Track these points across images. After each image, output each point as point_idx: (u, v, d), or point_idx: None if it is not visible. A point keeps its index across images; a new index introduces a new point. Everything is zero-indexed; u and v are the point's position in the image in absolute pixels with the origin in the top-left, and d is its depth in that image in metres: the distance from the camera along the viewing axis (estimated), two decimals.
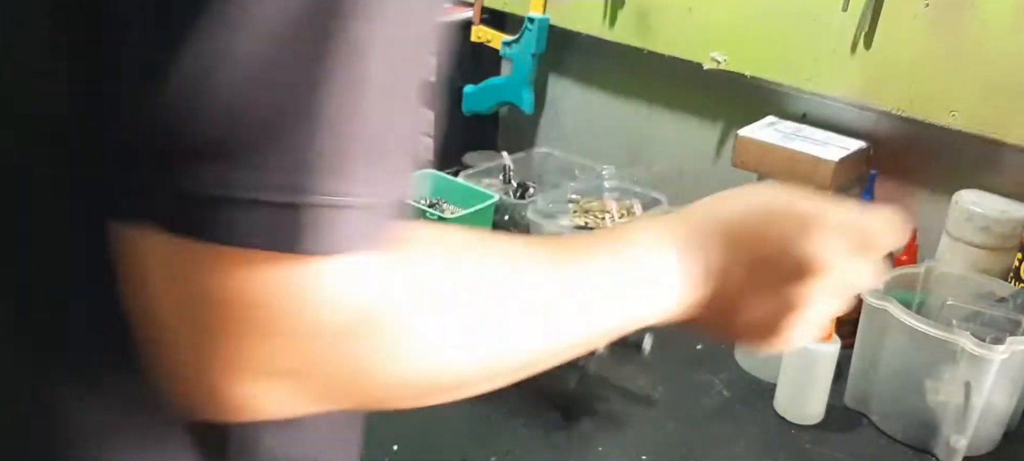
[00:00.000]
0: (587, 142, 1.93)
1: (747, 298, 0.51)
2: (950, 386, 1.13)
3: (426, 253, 0.42)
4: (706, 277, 0.52)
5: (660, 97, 1.79)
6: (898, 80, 1.39)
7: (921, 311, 1.26)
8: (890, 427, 1.22)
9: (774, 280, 0.50)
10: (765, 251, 0.50)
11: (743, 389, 1.30)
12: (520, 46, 1.85)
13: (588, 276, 0.49)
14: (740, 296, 0.51)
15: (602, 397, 1.28)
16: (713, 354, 1.38)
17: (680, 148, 1.79)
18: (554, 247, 0.50)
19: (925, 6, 1.34)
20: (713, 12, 1.57)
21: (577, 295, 0.48)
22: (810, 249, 0.50)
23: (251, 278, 0.33)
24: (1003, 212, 1.31)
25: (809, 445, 1.19)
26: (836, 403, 1.25)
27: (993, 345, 1.08)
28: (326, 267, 0.35)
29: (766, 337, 0.52)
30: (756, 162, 1.48)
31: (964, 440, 1.13)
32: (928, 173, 1.47)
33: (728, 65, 1.56)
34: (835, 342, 1.20)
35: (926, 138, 1.43)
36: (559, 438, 1.18)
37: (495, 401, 1.26)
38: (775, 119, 1.56)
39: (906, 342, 1.15)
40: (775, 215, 0.51)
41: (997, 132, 1.31)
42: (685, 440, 1.19)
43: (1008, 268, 1.30)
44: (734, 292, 0.51)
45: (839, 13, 1.42)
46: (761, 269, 0.50)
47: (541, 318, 0.48)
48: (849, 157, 1.42)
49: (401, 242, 0.38)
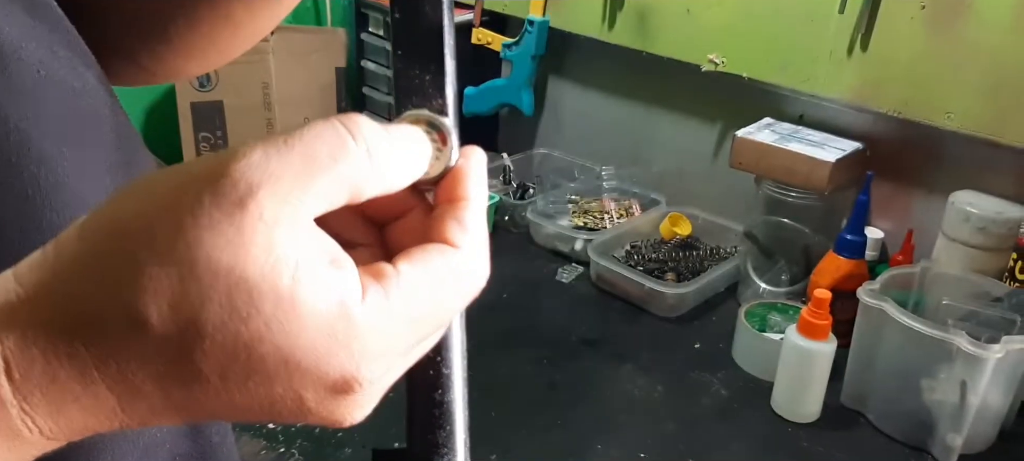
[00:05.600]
0: (586, 143, 1.94)
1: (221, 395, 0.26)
2: (946, 385, 1.14)
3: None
4: None
5: (659, 98, 1.80)
6: (895, 82, 1.40)
7: (917, 311, 1.27)
8: (887, 426, 1.23)
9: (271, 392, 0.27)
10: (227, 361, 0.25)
11: (741, 388, 1.31)
12: (520, 48, 1.86)
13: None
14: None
15: (602, 396, 1.29)
16: (711, 354, 1.39)
17: (678, 149, 1.80)
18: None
19: (921, 8, 1.35)
20: (711, 14, 1.58)
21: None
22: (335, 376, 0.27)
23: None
24: (999, 213, 1.32)
25: (806, 444, 1.20)
26: (833, 402, 1.26)
27: (988, 344, 1.09)
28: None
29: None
30: (753, 163, 1.49)
31: (960, 439, 1.14)
32: (924, 174, 1.48)
33: (726, 67, 1.57)
34: (832, 341, 1.21)
35: (922, 139, 1.44)
36: (559, 438, 1.19)
37: (495, 401, 1.27)
38: (772, 120, 1.57)
39: (902, 341, 1.16)
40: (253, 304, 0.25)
41: (993, 133, 1.32)
42: (683, 439, 1.20)
43: (1003, 268, 1.31)
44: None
45: (836, 15, 1.44)
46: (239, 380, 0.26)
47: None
48: (846, 158, 1.43)
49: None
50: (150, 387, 0.25)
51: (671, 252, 1.64)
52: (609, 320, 1.48)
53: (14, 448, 0.25)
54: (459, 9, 1.97)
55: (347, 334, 0.26)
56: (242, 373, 0.25)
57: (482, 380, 1.30)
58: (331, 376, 0.26)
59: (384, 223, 0.31)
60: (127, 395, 0.25)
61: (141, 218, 0.24)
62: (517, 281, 1.58)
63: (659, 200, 1.79)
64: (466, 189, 0.30)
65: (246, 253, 0.24)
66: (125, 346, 0.24)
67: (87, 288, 0.24)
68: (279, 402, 0.26)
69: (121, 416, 0.26)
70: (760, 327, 1.35)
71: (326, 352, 0.26)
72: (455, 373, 0.33)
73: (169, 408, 0.26)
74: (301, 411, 0.27)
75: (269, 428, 1.18)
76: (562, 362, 1.35)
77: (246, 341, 0.25)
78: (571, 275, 1.61)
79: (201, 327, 0.24)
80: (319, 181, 0.26)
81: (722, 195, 1.71)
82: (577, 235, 1.64)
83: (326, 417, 0.28)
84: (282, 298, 0.25)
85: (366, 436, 1.16)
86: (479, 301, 1.24)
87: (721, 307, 1.53)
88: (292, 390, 0.26)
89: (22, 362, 0.24)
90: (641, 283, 1.47)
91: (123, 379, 0.25)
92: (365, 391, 0.27)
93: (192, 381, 0.25)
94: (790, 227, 1.50)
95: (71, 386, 0.24)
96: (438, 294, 0.29)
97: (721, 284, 1.56)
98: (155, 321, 0.24)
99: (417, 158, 0.29)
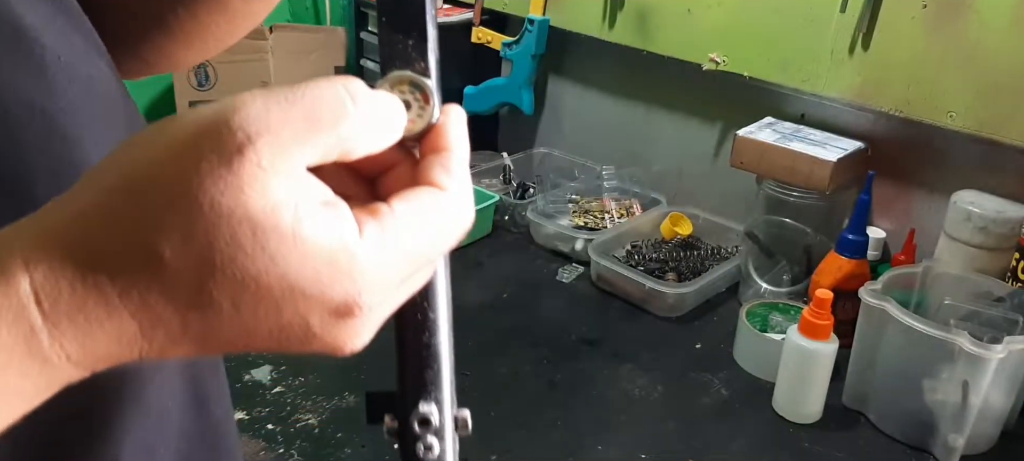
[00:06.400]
0: (586, 142, 1.94)
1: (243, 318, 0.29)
2: (948, 385, 1.14)
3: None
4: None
5: (659, 98, 1.80)
6: (896, 81, 1.39)
7: (919, 311, 1.27)
8: (888, 426, 1.22)
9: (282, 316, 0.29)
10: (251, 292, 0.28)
11: (742, 388, 1.31)
12: (520, 47, 1.86)
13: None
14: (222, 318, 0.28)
15: (602, 396, 1.28)
16: (712, 354, 1.39)
17: (679, 148, 1.79)
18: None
19: (923, 7, 1.34)
20: (712, 13, 1.58)
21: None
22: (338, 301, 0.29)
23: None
24: (1000, 212, 1.31)
25: (807, 444, 1.20)
26: (834, 402, 1.25)
27: (990, 344, 1.09)
28: None
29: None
30: (754, 162, 1.49)
31: (962, 439, 1.14)
32: (926, 173, 1.48)
33: (727, 66, 1.57)
34: (833, 341, 1.21)
35: (924, 139, 1.44)
36: (559, 438, 1.19)
37: (495, 401, 1.27)
38: (773, 120, 1.57)
39: (904, 341, 1.16)
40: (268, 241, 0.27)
41: (995, 133, 1.31)
42: (684, 439, 1.20)
43: (1006, 268, 1.31)
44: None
45: (837, 14, 1.43)
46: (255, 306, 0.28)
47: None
48: (847, 157, 1.43)
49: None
50: (169, 314, 0.27)
51: (672, 252, 1.63)
52: (609, 320, 1.48)
53: (44, 373, 0.27)
54: (459, 8, 1.97)
55: (348, 263, 0.28)
56: (252, 301, 0.28)
57: (482, 380, 1.30)
58: (334, 301, 0.29)
59: (374, 177, 0.33)
60: (148, 322, 0.27)
61: (152, 166, 0.27)
62: (517, 281, 1.58)
63: (660, 200, 1.79)
64: (449, 140, 0.33)
65: (245, 197, 0.26)
66: (144, 279, 0.27)
67: (106, 229, 0.27)
68: (287, 328, 0.29)
69: (142, 343, 0.28)
70: (761, 327, 1.35)
71: (329, 280, 0.28)
72: (441, 317, 0.35)
73: (187, 336, 0.28)
74: (307, 336, 0.29)
75: (269, 428, 1.17)
76: (562, 362, 1.35)
77: (253, 274, 0.27)
78: (571, 275, 1.60)
79: (211, 261, 0.27)
80: (318, 138, 0.28)
81: (723, 195, 1.71)
82: (577, 235, 1.64)
83: (330, 342, 0.30)
84: (285, 236, 0.27)
85: (364, 436, 1.16)
86: (479, 301, 1.25)
87: (722, 307, 1.52)
88: (299, 316, 0.29)
89: (51, 292, 0.26)
90: (641, 283, 1.47)
91: (145, 307, 0.27)
92: (365, 317, 0.30)
93: (207, 308, 0.27)
94: (791, 227, 1.50)
95: (96, 314, 0.27)
96: (428, 230, 0.31)
97: (722, 284, 1.55)
98: (169, 257, 0.26)
99: (400, 121, 0.31)
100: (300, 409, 1.22)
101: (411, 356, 0.35)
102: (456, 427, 0.36)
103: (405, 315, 0.35)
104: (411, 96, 0.32)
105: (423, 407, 0.35)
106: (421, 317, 0.35)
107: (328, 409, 1.22)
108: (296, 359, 1.32)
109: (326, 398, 1.24)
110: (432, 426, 0.35)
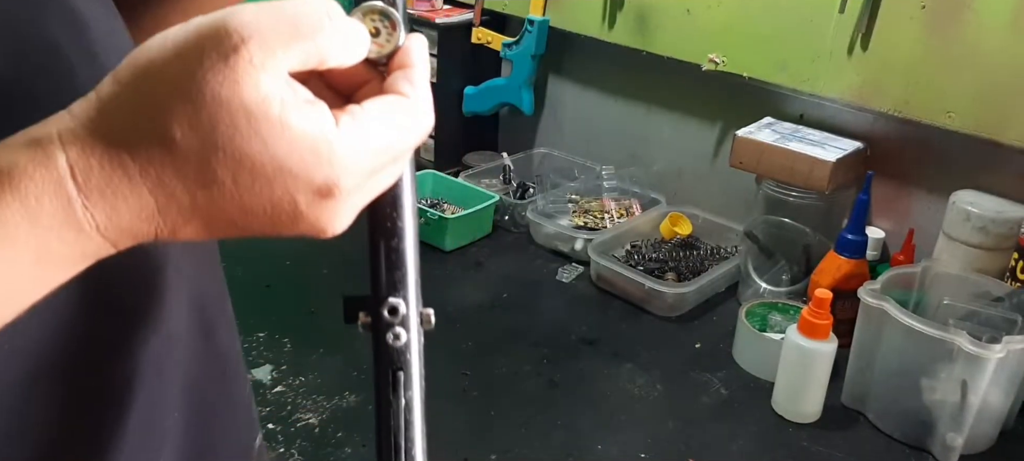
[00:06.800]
0: (586, 143, 1.94)
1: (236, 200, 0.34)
2: (946, 385, 1.14)
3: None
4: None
5: (659, 98, 1.80)
6: (895, 81, 1.40)
7: (918, 310, 1.27)
8: (887, 425, 1.22)
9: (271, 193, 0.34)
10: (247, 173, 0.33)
11: (741, 388, 1.31)
12: (520, 48, 1.86)
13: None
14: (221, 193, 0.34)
15: (602, 395, 1.29)
16: (712, 353, 1.39)
17: (678, 148, 1.80)
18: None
19: (922, 8, 1.34)
20: (711, 14, 1.58)
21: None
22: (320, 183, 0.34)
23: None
24: (1000, 212, 1.31)
25: (806, 443, 1.20)
26: (833, 402, 1.26)
27: (989, 344, 1.09)
28: None
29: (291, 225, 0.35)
30: (754, 162, 1.49)
31: (960, 438, 1.14)
32: (925, 173, 1.48)
33: (726, 66, 1.57)
34: (833, 341, 1.21)
35: (923, 139, 1.44)
36: (559, 438, 1.19)
37: (495, 401, 1.27)
38: (773, 120, 1.57)
39: (903, 341, 1.16)
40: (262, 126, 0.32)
41: (994, 133, 1.31)
42: (684, 438, 1.20)
43: (1004, 268, 1.31)
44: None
45: (836, 15, 1.43)
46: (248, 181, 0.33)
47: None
48: (846, 158, 1.43)
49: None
50: (181, 191, 0.32)
51: (671, 252, 1.64)
52: (609, 320, 1.48)
53: (78, 242, 0.32)
54: (459, 8, 1.97)
55: (328, 150, 0.33)
56: (249, 177, 0.33)
57: (482, 380, 1.30)
58: (317, 182, 0.34)
59: (348, 93, 0.38)
60: (163, 198, 0.33)
61: (164, 64, 0.32)
62: (517, 281, 1.58)
63: (659, 200, 1.79)
64: (412, 59, 0.38)
65: (240, 89, 0.32)
66: (159, 157, 0.32)
67: (127, 117, 0.32)
68: (279, 205, 0.34)
69: (158, 220, 0.33)
70: (761, 327, 1.35)
71: (313, 163, 0.33)
72: (407, 226, 0.41)
73: (195, 213, 0.33)
74: (296, 214, 0.34)
75: (269, 428, 1.18)
76: (562, 361, 1.35)
77: (249, 153, 0.32)
78: (571, 275, 1.61)
79: (214, 142, 0.32)
80: (299, 45, 0.33)
81: (722, 195, 1.71)
82: (577, 235, 1.64)
83: (313, 222, 0.35)
84: (274, 123, 0.32)
85: (364, 435, 1.16)
86: (479, 301, 1.26)
87: (721, 307, 1.52)
88: (288, 193, 0.34)
89: (83, 168, 0.32)
90: (641, 283, 1.47)
91: (160, 185, 0.32)
92: (344, 199, 0.35)
93: (211, 184, 0.33)
94: (790, 227, 1.50)
95: (120, 189, 0.32)
96: (394, 126, 0.36)
97: (721, 284, 1.55)
98: (179, 138, 0.32)
99: (366, 41, 0.36)
100: (300, 409, 1.22)
101: (381, 259, 0.41)
102: (421, 322, 0.42)
103: (376, 223, 0.40)
104: (380, 24, 0.37)
105: (392, 300, 0.41)
106: (390, 225, 0.40)
107: (328, 409, 1.22)
108: (297, 359, 1.32)
109: (326, 398, 1.24)
110: (400, 316, 0.41)
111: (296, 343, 1.36)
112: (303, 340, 1.37)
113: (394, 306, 0.41)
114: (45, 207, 0.31)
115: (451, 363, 1.32)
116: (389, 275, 0.41)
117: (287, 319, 1.43)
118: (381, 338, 0.41)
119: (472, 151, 2.02)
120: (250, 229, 0.35)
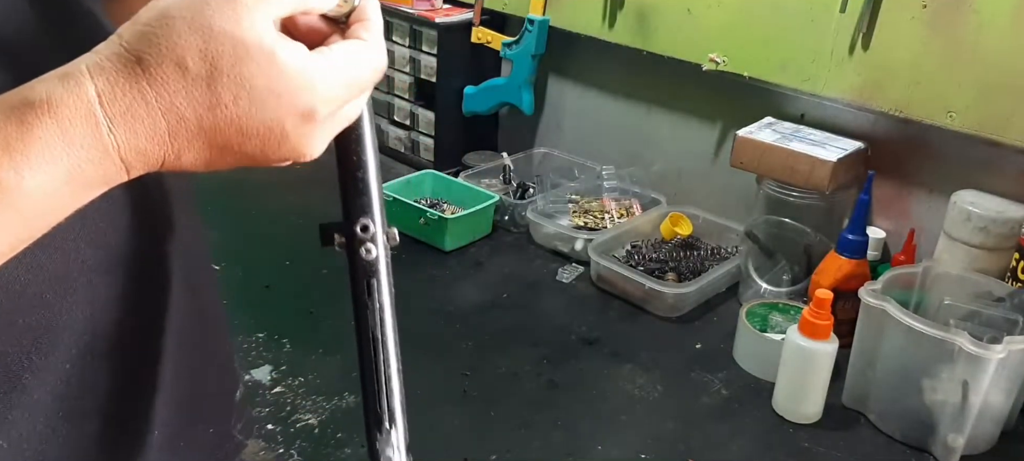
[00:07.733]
0: (586, 142, 1.94)
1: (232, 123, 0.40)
2: (948, 385, 1.14)
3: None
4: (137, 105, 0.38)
5: (659, 98, 1.80)
6: (896, 81, 1.39)
7: (919, 311, 1.27)
8: (888, 426, 1.22)
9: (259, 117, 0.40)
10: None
11: (742, 388, 1.31)
12: (520, 47, 1.86)
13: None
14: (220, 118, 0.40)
15: (602, 396, 1.28)
16: (712, 354, 1.39)
17: (679, 148, 1.79)
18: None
19: (923, 8, 1.34)
20: (712, 14, 1.58)
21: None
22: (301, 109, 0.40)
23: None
24: (1001, 212, 1.31)
25: (807, 444, 1.20)
26: (834, 402, 1.25)
27: (990, 344, 1.09)
28: None
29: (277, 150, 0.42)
30: (754, 162, 1.49)
31: (962, 439, 1.14)
32: (926, 173, 1.48)
33: (727, 66, 1.57)
34: (833, 341, 1.21)
35: (924, 139, 1.44)
36: (559, 438, 1.19)
37: (495, 401, 1.27)
38: (773, 120, 1.57)
39: (904, 341, 1.16)
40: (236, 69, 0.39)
41: (995, 133, 1.31)
42: (684, 439, 1.20)
43: (1006, 268, 1.31)
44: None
45: (837, 15, 1.43)
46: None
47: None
48: (847, 157, 1.43)
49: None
50: (190, 113, 0.38)
51: (672, 252, 1.64)
52: (609, 320, 1.48)
53: (103, 163, 0.38)
54: (459, 8, 1.97)
55: (310, 79, 0.40)
56: (247, 99, 0.39)
57: (482, 380, 1.30)
58: (301, 107, 0.40)
59: (312, 47, 0.43)
60: (174, 121, 0.38)
61: (178, 8, 0.38)
62: (517, 281, 1.58)
63: (659, 200, 1.79)
64: (368, 13, 0.45)
65: (240, 25, 0.38)
66: (173, 82, 0.38)
67: (146, 49, 0.38)
68: (270, 126, 0.40)
69: (169, 143, 0.39)
70: (761, 327, 1.35)
71: (297, 88, 0.40)
72: (369, 158, 0.48)
73: (200, 134, 0.39)
74: (283, 137, 0.41)
75: (269, 428, 1.17)
76: (562, 361, 1.35)
77: (247, 77, 0.39)
78: (571, 275, 1.60)
79: (219, 67, 0.38)
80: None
81: (723, 195, 1.71)
82: (577, 235, 1.64)
83: (296, 145, 0.41)
84: (266, 54, 0.39)
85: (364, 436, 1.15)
86: (479, 301, 1.26)
87: (722, 307, 1.52)
88: (277, 117, 0.40)
89: (109, 95, 0.37)
90: (641, 283, 1.47)
91: (172, 107, 0.38)
92: (321, 124, 0.42)
93: (216, 106, 0.39)
94: (791, 227, 1.50)
95: (139, 112, 0.38)
96: (358, 62, 0.43)
97: (722, 284, 1.55)
98: (190, 65, 0.38)
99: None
100: (300, 409, 1.22)
101: (350, 189, 0.48)
102: (387, 240, 0.49)
103: (344, 158, 0.48)
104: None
105: (363, 220, 0.48)
106: (356, 158, 0.48)
107: (328, 409, 1.22)
108: (296, 359, 1.32)
109: (326, 398, 1.24)
110: (370, 233, 0.48)
111: (295, 343, 1.36)
112: (302, 340, 1.37)
113: (365, 224, 0.48)
114: (78, 129, 0.37)
115: (451, 363, 1.32)
116: (358, 200, 0.48)
117: (286, 319, 1.43)
118: (355, 253, 0.48)
119: (472, 151, 2.02)
120: (243, 151, 0.40)
